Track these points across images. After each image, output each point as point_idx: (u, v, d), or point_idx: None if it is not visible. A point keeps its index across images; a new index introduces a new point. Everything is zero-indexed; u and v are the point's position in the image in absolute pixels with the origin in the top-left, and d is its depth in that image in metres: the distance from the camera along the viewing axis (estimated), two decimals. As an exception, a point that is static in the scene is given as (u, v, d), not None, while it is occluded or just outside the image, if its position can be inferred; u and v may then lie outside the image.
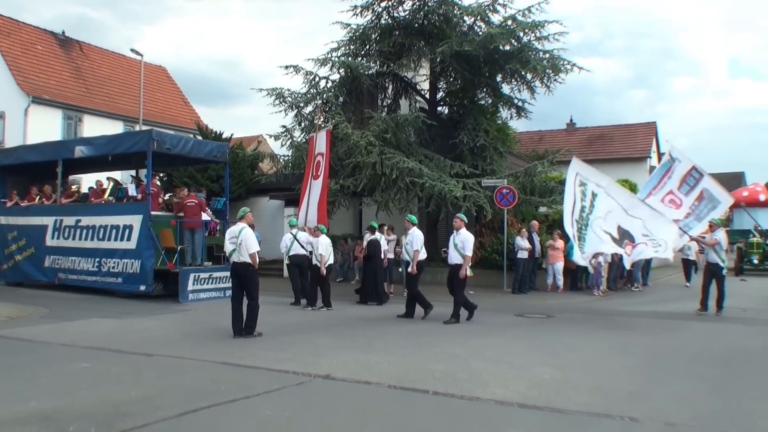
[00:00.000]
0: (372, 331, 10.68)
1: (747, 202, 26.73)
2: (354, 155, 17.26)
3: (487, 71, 19.63)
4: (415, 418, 5.72)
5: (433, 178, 16.81)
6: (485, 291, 17.46)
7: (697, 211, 12.95)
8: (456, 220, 12.28)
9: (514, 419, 5.72)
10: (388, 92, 21.71)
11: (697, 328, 11.73)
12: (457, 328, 11.26)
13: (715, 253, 12.85)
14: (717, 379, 7.52)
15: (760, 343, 10.25)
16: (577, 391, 6.71)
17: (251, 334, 9.65)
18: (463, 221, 12.17)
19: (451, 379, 7.08)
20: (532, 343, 9.71)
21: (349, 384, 6.85)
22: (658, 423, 5.68)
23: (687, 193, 12.98)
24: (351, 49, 20.83)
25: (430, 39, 19.71)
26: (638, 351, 9.29)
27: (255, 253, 9.80)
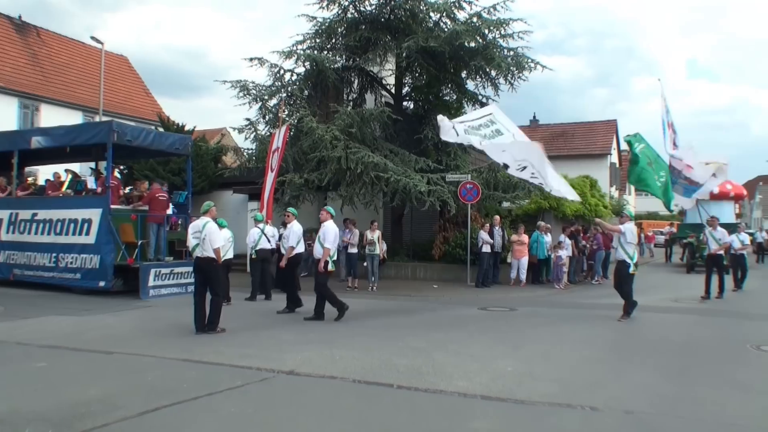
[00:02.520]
0: (336, 325, 10.64)
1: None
2: (319, 149, 17.18)
3: (452, 67, 19.73)
4: (379, 413, 5.73)
5: (398, 173, 16.83)
6: (449, 285, 17.63)
7: None
8: (322, 212, 11.57)
9: (478, 411, 5.78)
10: (353, 86, 21.66)
11: (655, 319, 12.00)
12: (421, 322, 11.29)
13: (621, 248, 11.86)
14: (674, 368, 7.72)
15: (714, 333, 10.53)
16: (539, 383, 6.82)
17: (214, 331, 9.53)
18: (329, 213, 11.39)
19: (415, 372, 7.11)
20: (495, 335, 9.80)
21: (313, 379, 6.82)
22: (617, 411, 5.83)
23: None
24: (317, 42, 20.72)
25: (396, 34, 19.70)
26: (598, 342, 9.49)
27: (219, 248, 9.70)
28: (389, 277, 18.64)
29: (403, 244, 20.90)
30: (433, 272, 19.16)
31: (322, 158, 17.26)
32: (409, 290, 16.47)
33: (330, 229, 11.00)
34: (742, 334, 10.21)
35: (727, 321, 11.83)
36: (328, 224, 11.12)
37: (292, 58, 19.92)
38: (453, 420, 5.52)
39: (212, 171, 24.11)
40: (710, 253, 15.31)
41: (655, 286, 18.46)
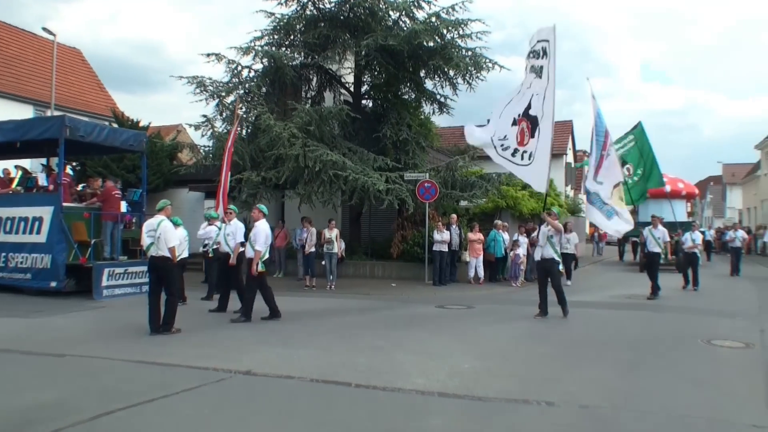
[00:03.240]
0: (294, 325, 10.60)
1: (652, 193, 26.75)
2: (276, 147, 17.04)
3: (411, 66, 19.78)
4: (337, 412, 5.73)
5: (357, 172, 16.82)
6: (407, 283, 17.71)
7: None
8: (254, 210, 11.19)
9: (435, 408, 5.83)
10: (312, 84, 21.54)
11: (609, 315, 12.28)
12: (379, 320, 11.31)
13: (551, 246, 11.58)
14: (627, 363, 7.92)
15: (666, 329, 10.79)
16: (496, 379, 6.92)
17: (169, 331, 9.40)
18: (262, 212, 11.07)
19: (373, 371, 7.14)
20: (452, 333, 9.88)
21: (270, 379, 6.79)
22: (572, 406, 5.95)
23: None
24: (275, 38, 20.55)
25: (355, 32, 19.67)
26: (554, 339, 9.66)
27: (174, 247, 9.57)
28: (347, 276, 18.64)
29: (361, 242, 20.90)
30: (392, 270, 19.22)
31: (279, 156, 17.12)
32: (368, 289, 16.48)
33: (261, 230, 10.72)
34: (693, 330, 10.49)
35: (678, 317, 12.13)
36: (260, 224, 10.81)
37: (250, 54, 19.72)
38: (411, 417, 5.56)
39: (168, 168, 23.72)
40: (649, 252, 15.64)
41: (608, 283, 18.88)
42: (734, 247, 22.92)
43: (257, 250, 10.56)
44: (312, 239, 16.45)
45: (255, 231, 10.72)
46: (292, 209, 19.86)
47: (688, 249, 17.47)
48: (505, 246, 18.21)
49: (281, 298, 14.27)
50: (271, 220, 21.14)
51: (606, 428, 5.41)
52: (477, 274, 17.80)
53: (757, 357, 8.49)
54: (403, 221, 19.74)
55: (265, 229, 10.82)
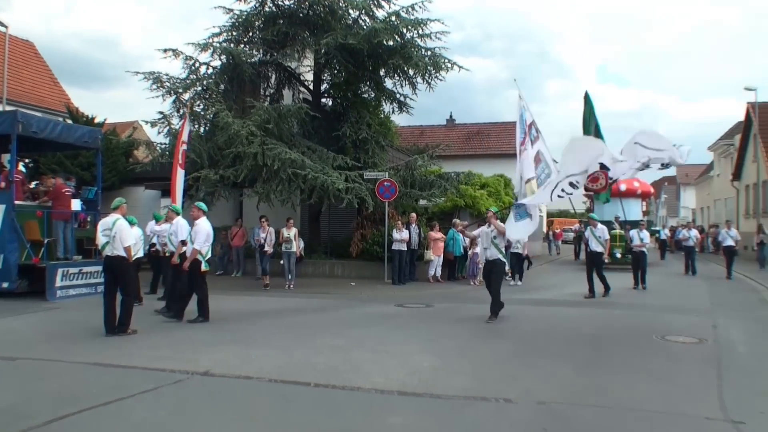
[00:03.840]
0: (253, 324, 10.54)
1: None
2: (235, 145, 16.87)
3: (370, 65, 19.80)
4: (296, 412, 5.72)
5: (316, 170, 16.76)
6: (367, 282, 17.74)
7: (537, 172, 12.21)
8: (193, 209, 10.96)
9: (395, 407, 5.87)
10: (271, 82, 21.38)
11: (567, 312, 12.50)
12: (338, 319, 11.31)
13: (495, 247, 11.31)
14: (584, 360, 8.08)
15: (622, 326, 11.04)
16: (455, 377, 6.98)
17: (125, 332, 9.24)
18: (201, 210, 10.86)
19: (332, 370, 7.14)
20: (411, 332, 9.92)
21: (228, 380, 6.74)
22: (530, 402, 6.05)
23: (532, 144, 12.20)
24: (233, 35, 20.33)
25: (314, 30, 19.59)
26: (512, 336, 9.78)
27: (130, 247, 9.41)
28: (306, 275, 18.58)
29: (320, 241, 20.85)
30: (351, 270, 19.22)
31: (237, 154, 16.95)
32: (327, 288, 16.46)
33: (201, 228, 10.53)
34: (648, 326, 10.75)
35: (633, 314, 12.40)
36: (200, 223, 10.61)
37: (208, 50, 19.46)
38: (370, 416, 5.60)
39: (123, 166, 23.26)
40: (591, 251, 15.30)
41: (564, 281, 19.18)
42: (688, 246, 23.02)
43: (195, 248, 10.38)
44: (271, 238, 16.33)
45: (195, 229, 10.56)
46: (250, 208, 19.70)
47: (636, 248, 17.53)
48: (463, 245, 18.37)
49: (240, 298, 14.28)
50: (230, 219, 21.13)
51: (563, 424, 5.51)
52: (435, 273, 17.95)
53: (710, 351, 8.75)
54: (363, 220, 19.76)
55: (206, 227, 10.63)
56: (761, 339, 9.97)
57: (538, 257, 30.24)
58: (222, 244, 20.19)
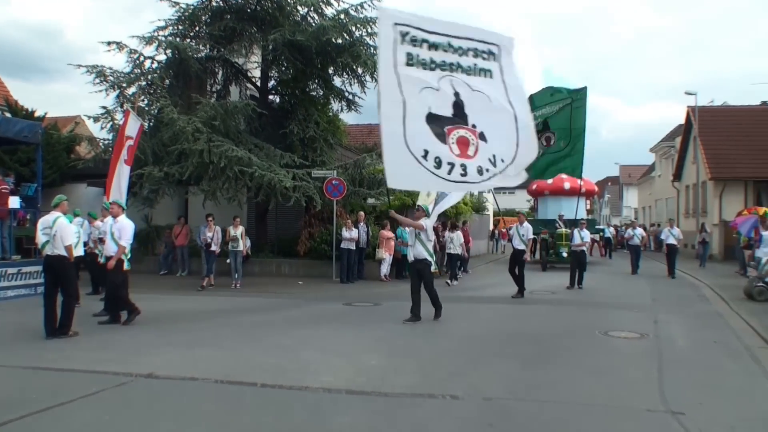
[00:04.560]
0: (199, 325, 10.38)
1: (551, 190, 26.69)
2: (180, 142, 16.59)
3: (319, 63, 19.72)
4: (243, 413, 5.67)
5: (263, 168, 16.62)
6: (315, 281, 17.70)
7: None
8: (112, 206, 10.62)
9: (342, 406, 5.88)
10: (217, 78, 21.08)
11: (512, 310, 12.68)
12: (286, 319, 11.24)
13: (422, 245, 10.85)
14: (529, 356, 8.21)
15: (566, 322, 11.29)
16: (403, 375, 7.02)
17: (66, 334, 8.97)
18: (121, 207, 10.56)
19: (279, 370, 7.10)
20: (359, 330, 9.95)
21: (173, 382, 6.63)
22: (476, 399, 6.13)
23: None
24: (179, 29, 19.97)
25: (262, 26, 19.41)
26: (459, 334, 9.91)
27: (71, 245, 9.15)
28: (253, 274, 18.40)
29: (267, 240, 20.68)
30: (299, 268, 19.13)
31: (183, 151, 16.68)
32: (274, 287, 16.36)
33: (126, 224, 10.19)
34: (592, 322, 10.99)
35: (578, 310, 12.69)
36: (123, 219, 10.28)
37: (153, 44, 19.06)
38: (318, 416, 5.58)
39: (65, 162, 22.54)
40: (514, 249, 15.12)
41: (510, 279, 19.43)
42: (633, 244, 22.92)
43: (122, 245, 10.01)
44: (217, 237, 16.09)
45: (118, 227, 10.17)
46: (196, 206, 19.40)
47: (576, 247, 17.35)
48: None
49: (185, 298, 14.06)
50: (174, 218, 20.77)
51: (508, 419, 5.60)
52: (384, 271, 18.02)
53: (651, 346, 9.01)
54: (311, 219, 19.68)
55: (130, 223, 10.36)
56: (700, 333, 10.30)
57: (482, 256, 30.64)
58: (166, 243, 19.85)
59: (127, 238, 10.07)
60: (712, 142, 30.68)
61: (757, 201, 28.70)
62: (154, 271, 19.46)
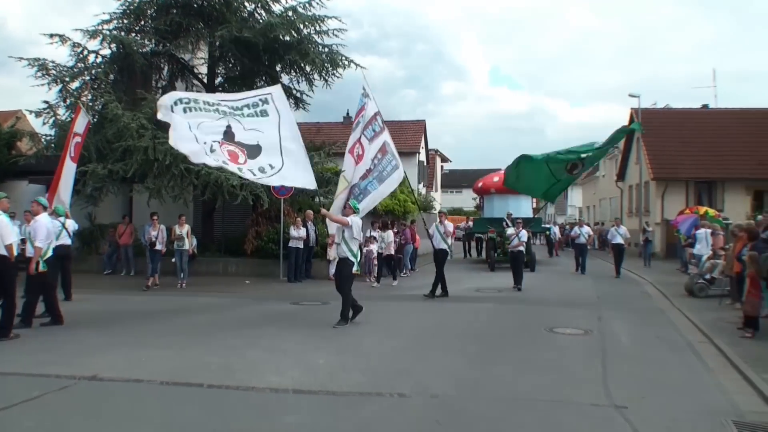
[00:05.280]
0: (143, 325, 10.23)
1: (498, 188, 26.08)
2: (124, 138, 16.27)
3: (266, 60, 19.61)
4: (188, 415, 5.64)
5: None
6: (262, 280, 17.59)
7: (380, 167, 12.12)
8: (33, 204, 10.21)
9: (290, 406, 5.90)
10: (163, 73, 20.76)
11: (459, 308, 12.84)
12: (232, 319, 11.15)
13: (345, 244, 10.46)
14: (475, 353, 8.36)
15: (513, 319, 11.44)
16: (350, 373, 7.08)
17: (6, 337, 8.70)
18: (41, 205, 10.14)
19: (226, 370, 7.07)
20: (307, 330, 9.94)
21: (118, 384, 6.53)
22: (423, 396, 6.23)
23: (371, 139, 12.00)
24: (124, 23, 19.59)
25: (209, 21, 19.18)
26: (406, 331, 10.01)
27: (12, 245, 8.87)
28: (199, 274, 18.16)
29: (214, 239, 20.44)
30: (246, 267, 18.97)
31: (127, 148, 16.35)
32: (221, 286, 16.21)
33: (41, 224, 9.80)
34: (538, 320, 11.24)
35: (524, 308, 12.91)
36: (40, 218, 9.84)
37: (98, 38, 18.61)
38: (264, 416, 5.60)
39: (5, 158, 21.75)
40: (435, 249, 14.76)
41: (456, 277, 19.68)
42: (579, 243, 22.26)
43: (37, 246, 9.62)
44: (162, 236, 15.84)
45: (34, 226, 9.76)
46: (140, 204, 19.03)
47: (514, 248, 16.76)
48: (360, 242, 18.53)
49: (129, 298, 13.82)
50: (118, 216, 20.34)
51: (456, 416, 5.70)
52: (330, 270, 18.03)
53: (595, 342, 9.28)
54: (258, 217, 19.54)
55: (46, 223, 9.93)
56: (642, 329, 10.63)
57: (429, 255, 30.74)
58: (110, 243, 19.42)
59: (41, 239, 9.63)
60: (654, 144, 31.64)
61: (698, 201, 29.79)
62: (98, 270, 19.04)
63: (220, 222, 20.97)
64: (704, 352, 8.81)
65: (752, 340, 9.32)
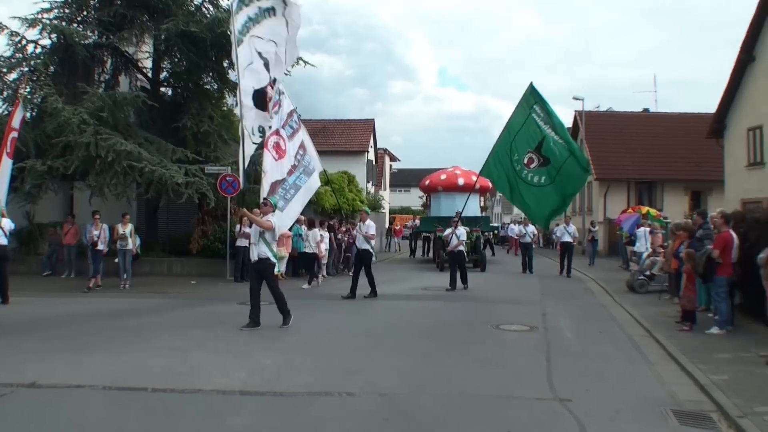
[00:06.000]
0: (85, 328, 9.90)
1: (445, 186, 26.06)
2: (65, 134, 15.78)
3: (213, 55, 19.29)
4: (133, 419, 5.51)
5: (154, 163, 16.09)
6: (208, 280, 17.33)
7: (304, 162, 11.74)
8: None
9: (237, 407, 5.83)
10: (106, 67, 20.19)
11: (407, 306, 12.95)
12: (177, 320, 10.95)
13: (265, 244, 9.92)
14: (424, 351, 8.42)
15: (460, 317, 11.65)
16: (298, 373, 7.04)
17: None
18: None
19: (171, 373, 6.94)
20: (253, 329, 9.81)
21: (58, 390, 6.30)
22: (372, 395, 6.25)
23: (291, 137, 11.58)
24: (66, 13, 19.04)
25: (154, 14, 18.78)
26: (354, 330, 10.05)
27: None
28: (143, 274, 17.73)
29: (158, 238, 20.02)
30: (191, 267, 18.64)
31: (68, 144, 15.86)
32: (165, 287, 15.88)
33: None
34: (484, 317, 11.40)
35: (470, 306, 13.05)
36: None
37: (37, 27, 17.98)
38: (211, 419, 5.51)
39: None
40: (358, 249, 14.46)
41: (404, 276, 19.83)
42: (524, 243, 22.15)
43: None
44: (104, 235, 15.39)
45: None
46: (82, 202, 18.49)
47: (453, 248, 16.14)
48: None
49: (70, 301, 13.41)
50: (58, 215, 19.72)
51: (404, 414, 5.73)
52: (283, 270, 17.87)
53: (540, 338, 9.48)
54: (204, 216, 19.21)
55: None
56: (585, 324, 10.92)
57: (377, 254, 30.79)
58: (50, 242, 18.77)
59: None
60: (597, 145, 32.54)
61: (639, 201, 30.91)
62: (37, 272, 18.34)
63: (165, 221, 20.58)
64: (644, 345, 9.11)
65: (690, 333, 9.67)
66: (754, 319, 10.09)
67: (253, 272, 10.32)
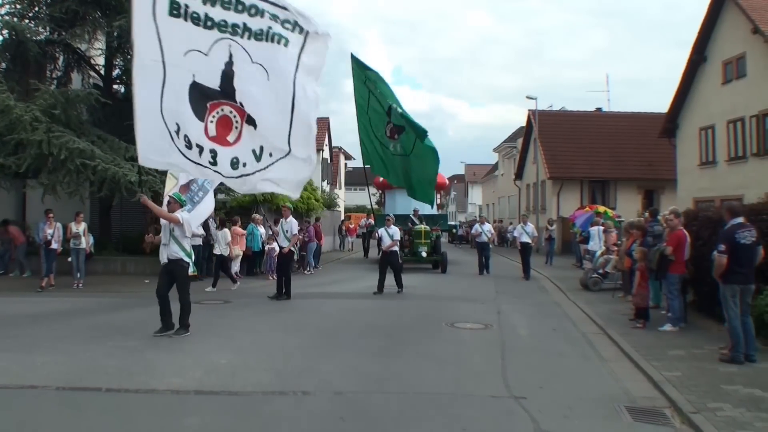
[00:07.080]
0: (36, 329, 9.80)
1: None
2: (17, 131, 15.51)
3: (168, 53, 19.12)
4: (87, 420, 5.52)
5: (107, 161, 15.90)
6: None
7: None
8: None
9: (192, 407, 5.88)
10: (58, 63, 19.83)
11: (362, 305, 13.04)
12: (131, 319, 10.89)
13: (176, 243, 9.44)
14: (379, 349, 8.52)
15: (415, 315, 11.70)
16: (253, 373, 7.08)
17: None
18: None
19: (125, 373, 6.93)
20: (209, 329, 9.84)
21: (10, 391, 6.27)
22: (328, 393, 6.32)
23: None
24: (17, 8, 18.66)
25: (107, 11, 18.48)
26: (310, 329, 10.07)
27: None
28: (97, 273, 17.51)
29: (112, 237, 19.79)
30: (145, 266, 18.39)
31: (20, 141, 15.59)
32: (119, 286, 15.75)
33: None
34: (439, 315, 11.55)
35: (426, 304, 13.20)
36: None
37: (-12, 23, 17.64)
38: (165, 419, 5.54)
39: None
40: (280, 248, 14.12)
41: (357, 276, 19.90)
42: (480, 242, 20.79)
43: None
44: (58, 234, 15.18)
45: None
46: (34, 201, 18.16)
47: (387, 248, 15.30)
48: (262, 239, 18.47)
49: (22, 300, 13.22)
50: (10, 213, 19.32)
51: (359, 412, 5.82)
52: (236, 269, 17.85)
53: (495, 336, 9.63)
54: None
55: None
56: (539, 322, 11.13)
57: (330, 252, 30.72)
58: (2, 241, 18.39)
59: None
60: (550, 144, 33.12)
61: (592, 199, 31.46)
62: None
63: (118, 219, 20.33)
64: (598, 342, 9.31)
65: (643, 330, 9.93)
66: (707, 317, 10.35)
67: (163, 274, 9.48)
